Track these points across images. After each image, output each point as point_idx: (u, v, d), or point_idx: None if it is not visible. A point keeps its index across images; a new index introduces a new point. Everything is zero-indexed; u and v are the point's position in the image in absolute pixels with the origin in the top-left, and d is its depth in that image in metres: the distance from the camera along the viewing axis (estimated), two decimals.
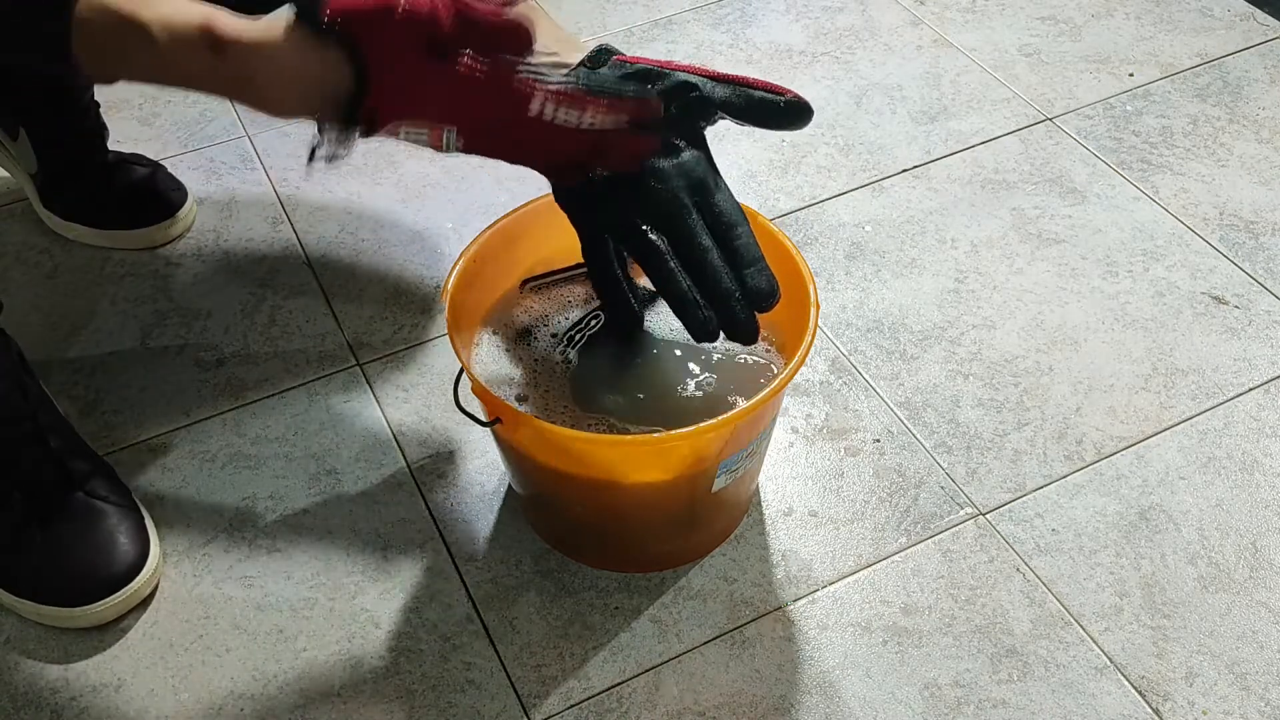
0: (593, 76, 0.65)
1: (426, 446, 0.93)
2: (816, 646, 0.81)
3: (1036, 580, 0.84)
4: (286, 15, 0.58)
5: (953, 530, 0.87)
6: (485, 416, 0.75)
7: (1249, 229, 1.10)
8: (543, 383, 0.78)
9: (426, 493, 0.90)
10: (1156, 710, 0.77)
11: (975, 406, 0.95)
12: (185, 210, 1.11)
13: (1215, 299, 1.04)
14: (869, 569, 0.85)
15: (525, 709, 0.78)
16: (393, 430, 0.95)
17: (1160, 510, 0.88)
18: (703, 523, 0.84)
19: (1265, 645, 0.81)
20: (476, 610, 0.83)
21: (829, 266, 1.07)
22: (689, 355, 0.79)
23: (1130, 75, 1.27)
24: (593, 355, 0.80)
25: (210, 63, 0.57)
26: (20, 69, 0.98)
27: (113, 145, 1.10)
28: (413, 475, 0.92)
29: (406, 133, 0.63)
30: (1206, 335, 1.01)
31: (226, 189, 1.16)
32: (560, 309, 0.83)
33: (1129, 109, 1.23)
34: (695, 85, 0.68)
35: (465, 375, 0.74)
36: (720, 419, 0.69)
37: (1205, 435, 0.93)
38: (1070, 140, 1.19)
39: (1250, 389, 0.97)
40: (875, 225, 1.11)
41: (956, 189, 1.15)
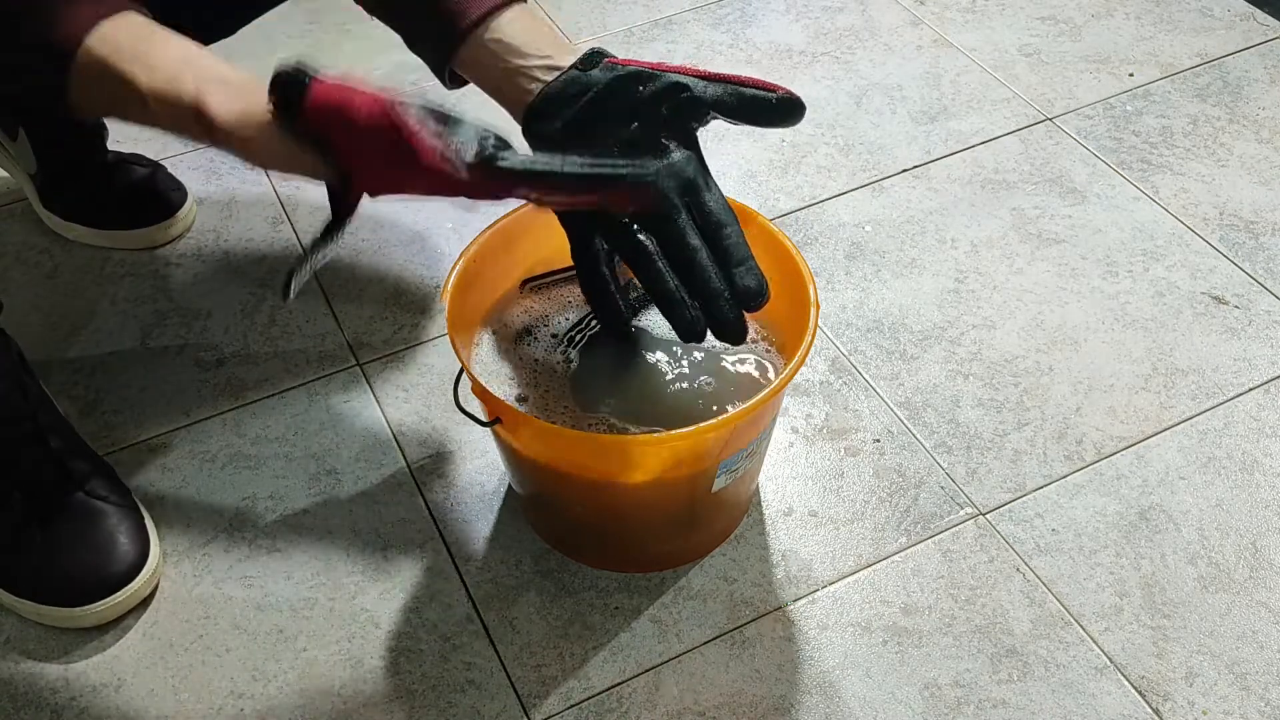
0: (567, 160, 0.60)
1: (426, 446, 0.93)
2: (816, 646, 0.81)
3: (1036, 580, 0.84)
4: (268, 103, 0.58)
5: (953, 530, 0.87)
6: (485, 416, 0.75)
7: (1249, 229, 1.10)
8: (543, 383, 0.78)
9: (426, 493, 0.90)
10: (1156, 710, 0.77)
11: (975, 406, 0.95)
12: (185, 210, 1.11)
13: (1215, 299, 1.04)
14: (869, 569, 0.85)
15: (525, 709, 0.78)
16: (393, 430, 0.95)
17: (1160, 510, 0.88)
18: (703, 523, 0.84)
19: (1265, 645, 0.81)
20: (476, 610, 0.83)
21: (829, 266, 1.07)
22: (689, 355, 0.79)
23: (1130, 75, 1.27)
24: (593, 355, 0.80)
25: (202, 134, 0.59)
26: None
27: (112, 145, 1.10)
28: (413, 475, 0.92)
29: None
30: (1206, 335, 1.01)
31: (226, 189, 1.16)
32: (560, 309, 0.83)
33: (1129, 109, 1.23)
34: (686, 86, 0.68)
35: (465, 375, 0.74)
36: (720, 419, 0.69)
37: (1205, 435, 0.93)
38: (1070, 140, 1.19)
39: (1250, 389, 0.97)
40: (875, 225, 1.11)
41: (956, 189, 1.15)
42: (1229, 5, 1.36)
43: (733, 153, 1.18)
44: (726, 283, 0.66)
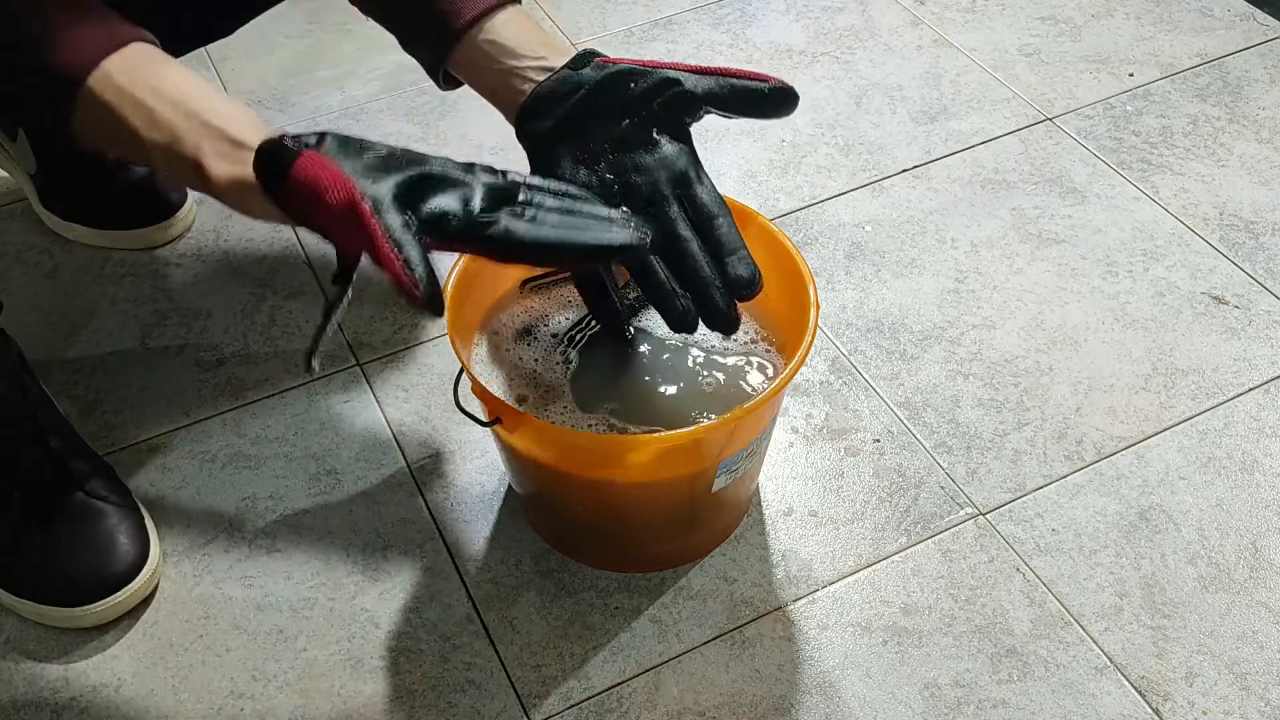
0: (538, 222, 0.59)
1: (426, 446, 0.93)
2: (816, 646, 0.81)
3: (1036, 580, 0.84)
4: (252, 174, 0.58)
5: (953, 530, 0.87)
6: (485, 416, 0.75)
7: (1249, 229, 1.10)
8: (543, 383, 0.78)
9: (426, 493, 0.90)
10: (1156, 710, 0.77)
11: (975, 406, 0.95)
12: (185, 210, 1.11)
13: (1215, 299, 1.04)
14: (869, 569, 0.85)
15: (525, 709, 0.78)
16: (393, 430, 0.95)
17: (1160, 510, 0.88)
18: (703, 523, 0.84)
19: (1265, 645, 0.81)
20: (476, 610, 0.83)
21: (829, 266, 1.07)
22: (689, 355, 0.79)
23: (1130, 75, 1.27)
24: (593, 355, 0.80)
25: (201, 188, 0.59)
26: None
27: None
28: (413, 475, 0.92)
29: None
30: (1206, 335, 1.01)
31: None
32: (560, 309, 0.83)
33: (1129, 109, 1.23)
34: (678, 80, 0.68)
35: (465, 375, 0.74)
36: (720, 419, 0.69)
37: (1205, 435, 0.93)
38: (1070, 140, 1.19)
39: (1250, 389, 0.97)
40: (875, 225, 1.11)
41: (956, 189, 1.15)
42: (1229, 5, 1.36)
43: (733, 153, 1.18)
44: (718, 272, 0.66)
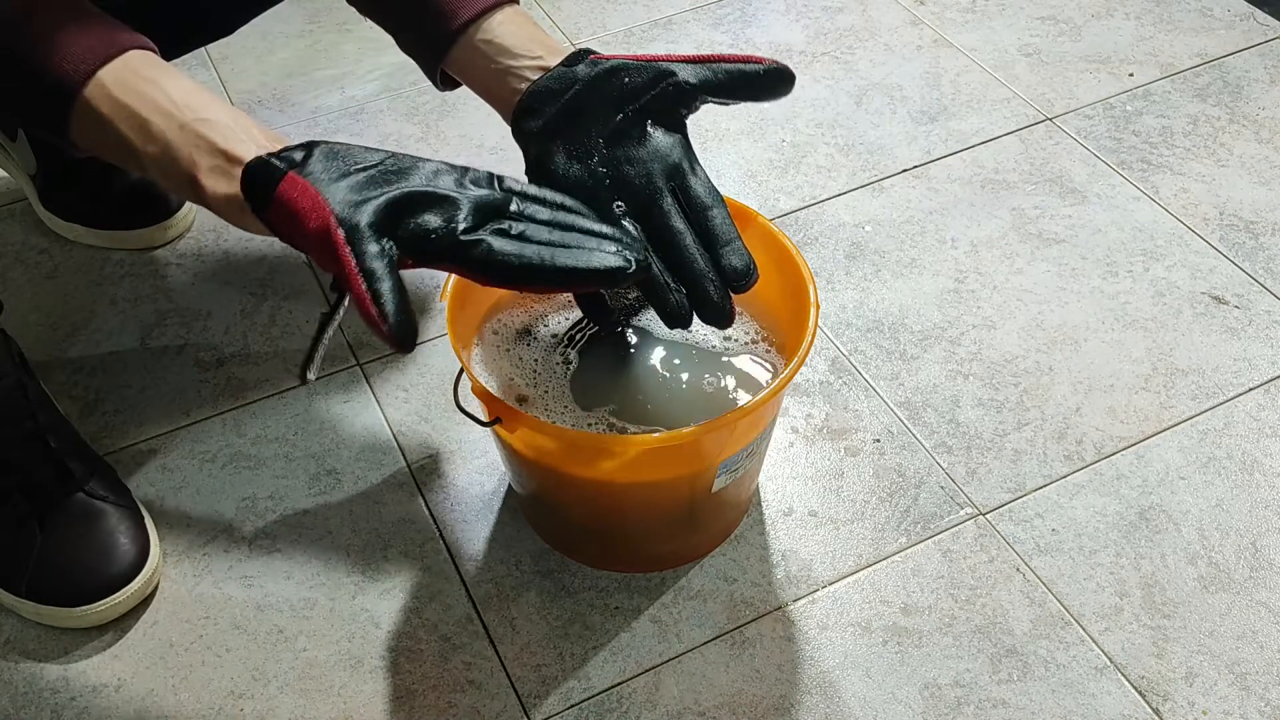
0: (523, 240, 0.59)
1: (426, 447, 0.93)
2: (816, 646, 0.81)
3: (1036, 580, 0.84)
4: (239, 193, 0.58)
5: (953, 530, 0.87)
6: (485, 416, 0.75)
7: (1249, 229, 1.10)
8: (543, 383, 0.78)
9: (426, 493, 0.90)
10: (1156, 710, 0.77)
11: (975, 406, 0.95)
12: (185, 211, 1.11)
13: (1215, 299, 1.04)
14: (869, 569, 0.85)
15: (525, 709, 0.78)
16: (393, 430, 0.95)
17: (1160, 510, 0.88)
18: (703, 523, 0.84)
19: (1265, 645, 0.81)
20: (476, 610, 0.83)
21: (829, 266, 1.07)
22: (689, 355, 0.79)
23: (1130, 75, 1.27)
24: (593, 355, 0.80)
25: (195, 200, 0.59)
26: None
27: None
28: (413, 475, 0.92)
29: None
30: (1206, 335, 1.01)
31: None
32: (560, 309, 0.83)
33: (1129, 109, 1.23)
34: (671, 71, 0.68)
35: (465, 375, 0.74)
36: (720, 419, 0.69)
37: (1205, 435, 0.93)
38: (1070, 140, 1.19)
39: (1250, 389, 0.97)
40: (875, 225, 1.11)
41: (956, 189, 1.15)
42: (1229, 5, 1.36)
43: (733, 153, 1.18)
44: (712, 265, 0.66)
